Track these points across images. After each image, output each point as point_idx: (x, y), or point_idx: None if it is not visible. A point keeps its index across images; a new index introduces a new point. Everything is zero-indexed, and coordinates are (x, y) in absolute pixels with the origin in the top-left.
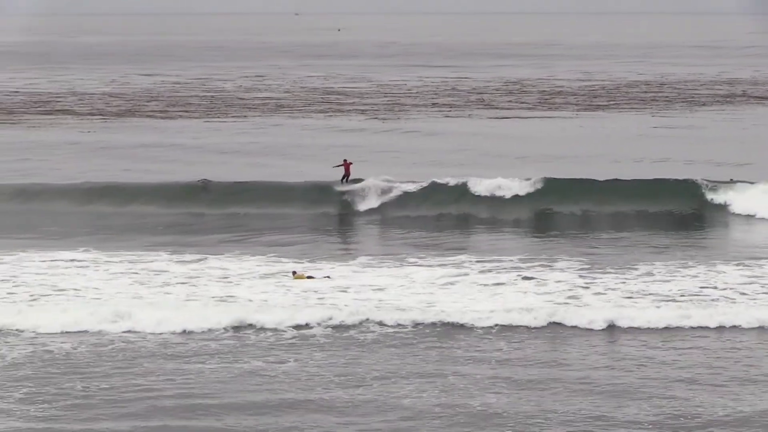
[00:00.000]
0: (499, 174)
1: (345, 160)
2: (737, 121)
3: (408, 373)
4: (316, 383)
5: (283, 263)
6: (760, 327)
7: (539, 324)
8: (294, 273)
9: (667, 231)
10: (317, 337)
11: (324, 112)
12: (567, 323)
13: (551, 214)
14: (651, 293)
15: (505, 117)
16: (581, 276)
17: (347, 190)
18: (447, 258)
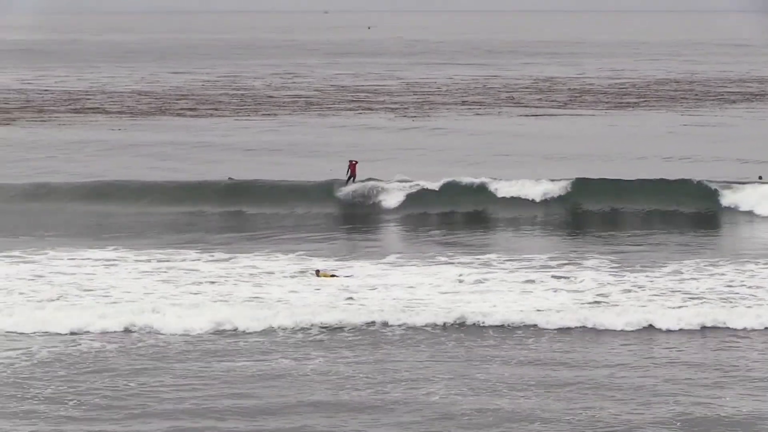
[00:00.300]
0: (529, 173)
1: (351, 160)
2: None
3: (436, 373)
4: (345, 383)
5: (312, 262)
6: None
7: (568, 324)
8: (318, 272)
9: (696, 230)
10: (346, 337)
11: (353, 110)
12: (596, 323)
13: (579, 213)
14: (681, 292)
15: (535, 115)
16: (611, 275)
17: (366, 189)
18: (475, 257)
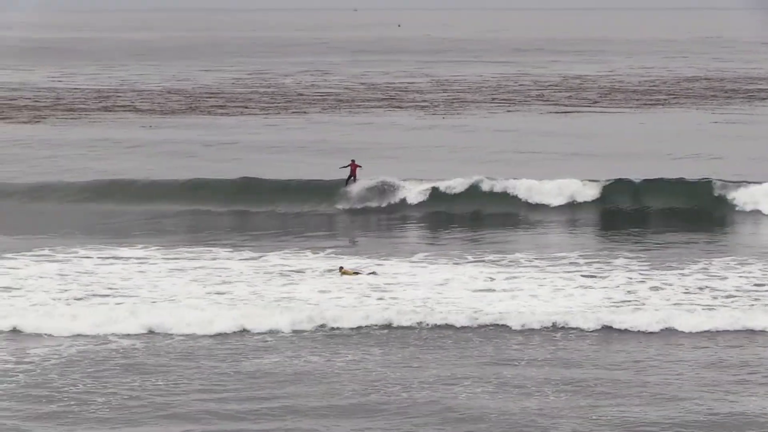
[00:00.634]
0: (557, 171)
1: (353, 161)
2: None
3: (464, 373)
4: (374, 383)
5: (340, 260)
6: None
7: (596, 325)
8: (341, 269)
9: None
10: (375, 336)
11: (383, 107)
12: (624, 325)
13: (608, 212)
14: (709, 294)
15: (566, 112)
16: (640, 274)
17: (395, 186)
18: (503, 255)
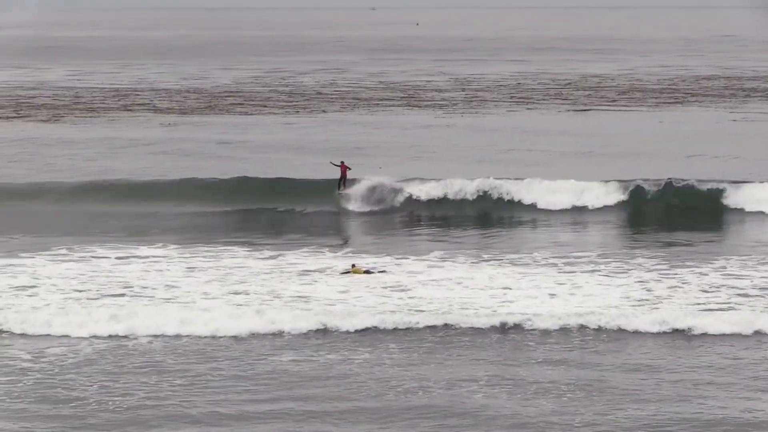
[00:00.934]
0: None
1: (342, 162)
2: None
3: (483, 375)
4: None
5: (360, 259)
6: None
7: (612, 326)
8: (353, 266)
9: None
10: (392, 336)
11: (401, 106)
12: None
13: (626, 213)
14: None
15: (584, 110)
16: (659, 274)
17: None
18: (521, 255)
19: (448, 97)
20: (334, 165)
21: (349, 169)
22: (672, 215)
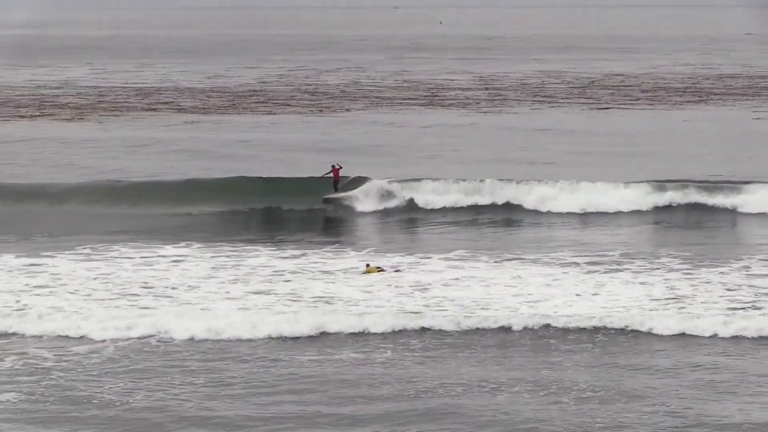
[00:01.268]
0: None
1: (333, 165)
2: None
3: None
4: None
5: (383, 258)
6: None
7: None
8: (367, 266)
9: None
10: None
11: (426, 105)
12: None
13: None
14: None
15: (606, 109)
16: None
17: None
18: (543, 254)
19: (471, 96)
20: (326, 174)
21: (341, 169)
22: (694, 216)
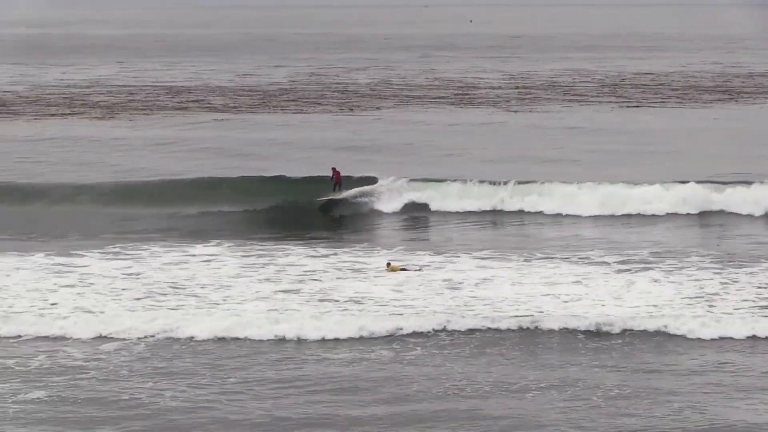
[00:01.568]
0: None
1: (333, 168)
2: None
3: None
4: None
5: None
6: None
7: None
8: (388, 264)
9: None
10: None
11: (456, 104)
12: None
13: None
14: None
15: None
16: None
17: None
18: (575, 253)
19: (501, 95)
20: (331, 179)
21: (339, 173)
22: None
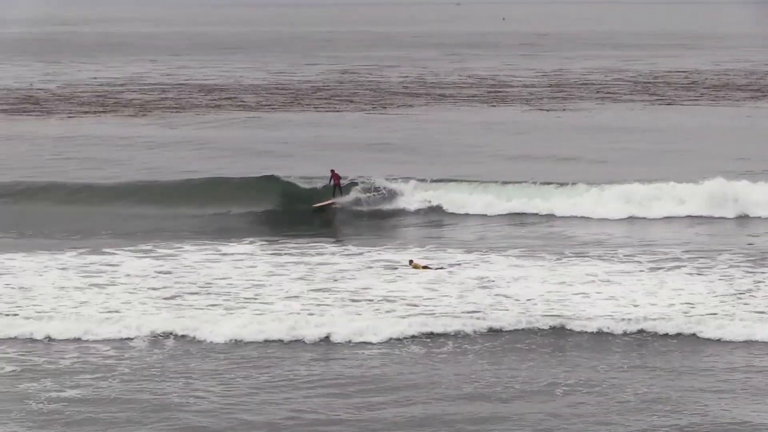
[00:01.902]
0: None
1: (332, 170)
2: None
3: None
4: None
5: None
6: None
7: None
8: (411, 262)
9: None
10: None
11: (488, 102)
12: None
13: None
14: None
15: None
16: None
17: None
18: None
19: (534, 92)
20: (330, 182)
21: (340, 178)
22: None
